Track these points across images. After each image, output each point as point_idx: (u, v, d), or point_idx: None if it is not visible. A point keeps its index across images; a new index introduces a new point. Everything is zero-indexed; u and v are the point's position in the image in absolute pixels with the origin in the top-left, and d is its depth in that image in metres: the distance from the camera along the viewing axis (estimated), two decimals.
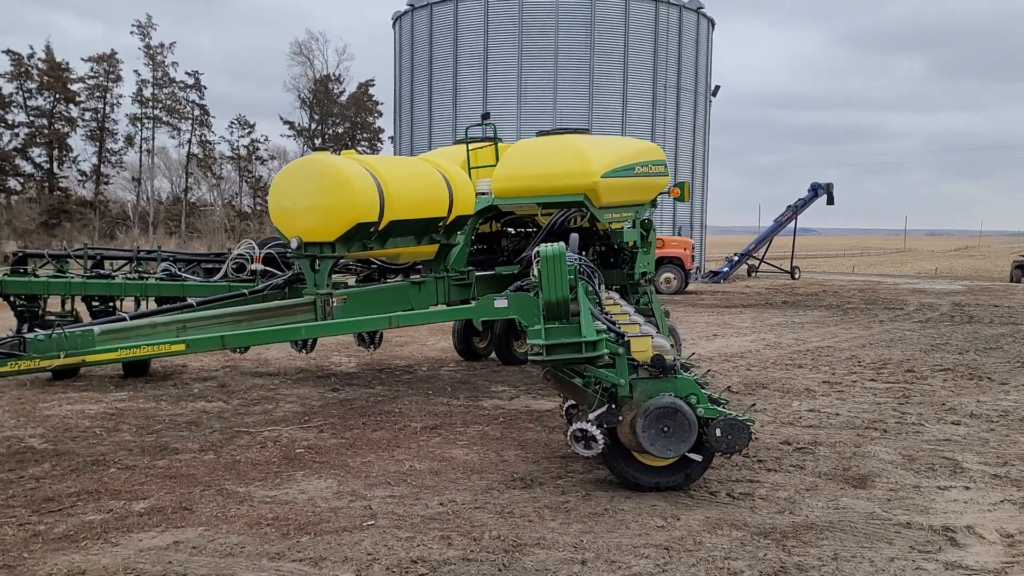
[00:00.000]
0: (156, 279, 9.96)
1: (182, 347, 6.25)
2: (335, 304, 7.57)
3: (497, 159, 9.51)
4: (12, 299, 9.85)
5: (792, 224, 36.04)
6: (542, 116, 30.64)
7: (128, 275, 10.29)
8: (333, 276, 9.40)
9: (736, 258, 35.22)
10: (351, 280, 9.94)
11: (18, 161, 50.28)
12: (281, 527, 4.75)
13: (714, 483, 5.74)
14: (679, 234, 32.85)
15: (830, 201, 35.72)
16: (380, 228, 7.47)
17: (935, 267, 52.65)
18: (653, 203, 9.80)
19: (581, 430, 5.30)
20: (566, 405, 6.33)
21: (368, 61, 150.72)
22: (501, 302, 6.51)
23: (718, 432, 5.18)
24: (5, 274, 9.98)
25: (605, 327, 5.66)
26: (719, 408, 5.35)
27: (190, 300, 8.22)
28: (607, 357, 5.51)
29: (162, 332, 6.46)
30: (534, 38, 31.43)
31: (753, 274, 36.26)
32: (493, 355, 11.56)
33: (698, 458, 5.43)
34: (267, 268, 9.63)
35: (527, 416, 7.96)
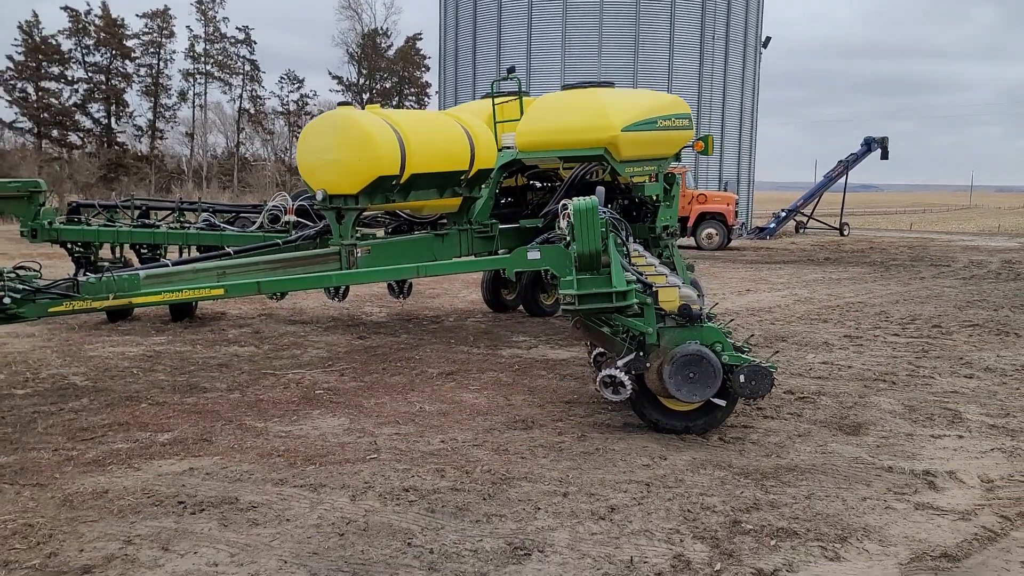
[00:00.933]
0: (197, 229, 10.46)
1: (221, 291, 6.71)
2: (359, 255, 7.88)
3: (522, 113, 9.64)
4: (69, 246, 10.51)
5: (843, 179, 35.32)
6: (586, 69, 30.44)
7: (171, 225, 10.81)
8: (367, 229, 9.77)
9: (783, 214, 34.70)
10: (381, 233, 10.26)
11: (78, 117, 51.66)
12: (290, 458, 5.12)
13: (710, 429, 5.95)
14: (725, 189, 32.53)
15: (884, 156, 34.88)
16: (402, 181, 7.72)
17: (998, 224, 51.12)
18: (677, 157, 9.85)
19: (610, 376, 5.54)
20: (594, 353, 6.58)
21: (416, 15, 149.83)
22: (534, 254, 6.72)
23: (742, 378, 5.41)
24: (61, 223, 10.53)
25: (635, 278, 5.87)
26: (743, 355, 5.56)
27: (228, 249, 8.68)
28: (636, 307, 5.74)
29: (203, 277, 6.92)
30: None
31: (801, 231, 35.73)
32: (521, 307, 11.82)
33: (722, 403, 5.66)
34: (300, 219, 9.99)
35: (541, 364, 8.22)
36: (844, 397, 6.96)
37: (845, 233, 34.83)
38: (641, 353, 5.60)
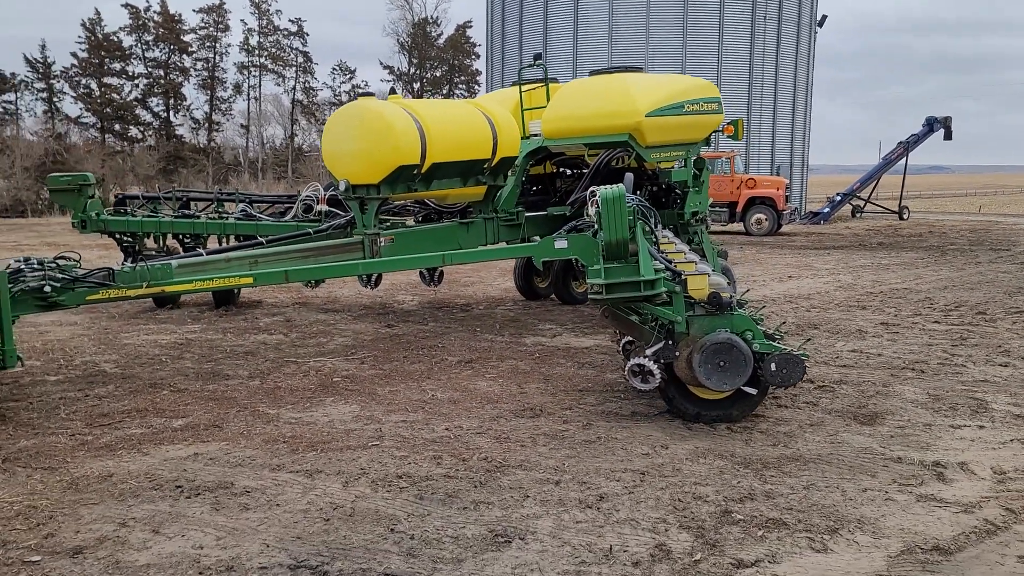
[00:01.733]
0: (234, 219, 10.74)
1: (250, 280, 6.89)
2: (383, 243, 7.98)
3: (549, 100, 9.61)
4: (117, 236, 11.02)
5: (903, 161, 34.31)
6: (633, 52, 30.13)
7: (210, 215, 11.13)
8: (397, 218, 9.87)
9: (838, 198, 33.87)
10: (410, 221, 10.35)
11: (138, 111, 53.15)
12: (293, 444, 5.23)
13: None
14: (777, 173, 31.89)
15: (948, 136, 33.79)
16: (423, 170, 7.78)
17: None
18: (707, 141, 9.70)
19: (639, 365, 5.53)
20: (623, 342, 6.55)
21: (466, 2, 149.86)
22: (561, 242, 6.71)
23: (773, 366, 5.37)
24: (109, 213, 11.06)
25: (663, 266, 5.84)
26: (774, 343, 5.52)
27: (261, 238, 8.92)
28: (665, 295, 5.71)
29: (235, 266, 7.11)
30: None
31: (857, 215, 34.85)
32: (553, 295, 11.81)
33: (753, 391, 5.63)
34: (331, 209, 10.15)
35: (563, 353, 8.21)
36: (866, 386, 6.80)
37: (904, 217, 33.86)
38: (670, 342, 5.57)
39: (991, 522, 4.15)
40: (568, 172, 10.58)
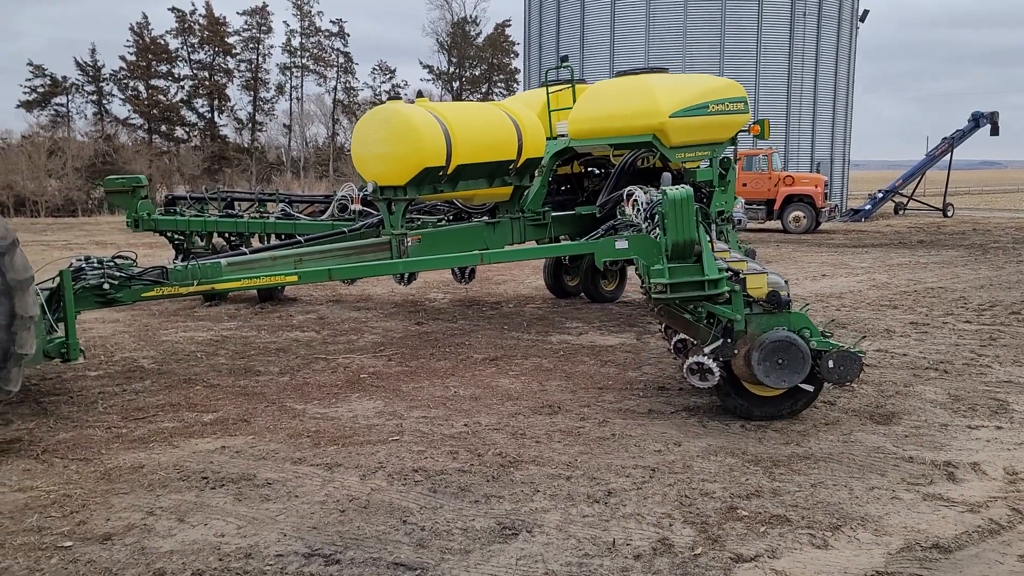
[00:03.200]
0: (275, 218, 11.15)
1: (295, 278, 7.20)
2: (410, 243, 8.18)
3: (575, 101, 9.73)
4: (169, 234, 11.55)
5: (948, 158, 33.72)
6: (670, 51, 30.06)
7: (252, 215, 11.57)
8: (429, 216, 10.05)
9: (880, 195, 33.43)
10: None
11: (183, 112, 54.29)
12: (316, 438, 5.43)
13: (735, 416, 5.96)
14: (817, 170, 31.56)
15: (995, 131, 33.19)
16: (449, 172, 7.95)
17: None
18: (733, 141, 9.73)
19: (697, 363, 5.60)
20: (675, 340, 6.66)
21: (505, 1, 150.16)
22: (622, 243, 6.78)
23: (831, 364, 5.48)
24: (160, 213, 11.63)
25: (725, 266, 5.95)
26: (831, 341, 5.62)
27: (299, 237, 9.26)
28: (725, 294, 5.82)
29: (280, 264, 7.39)
30: None
31: (900, 212, 34.35)
32: (583, 294, 11.91)
33: (810, 388, 5.73)
34: (364, 208, 10.38)
35: (587, 351, 8.33)
36: (887, 386, 6.81)
37: (949, 214, 33.28)
38: (729, 340, 5.65)
39: (996, 522, 4.19)
40: (596, 172, 10.68)
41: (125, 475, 4.73)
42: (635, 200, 7.55)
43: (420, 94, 51.36)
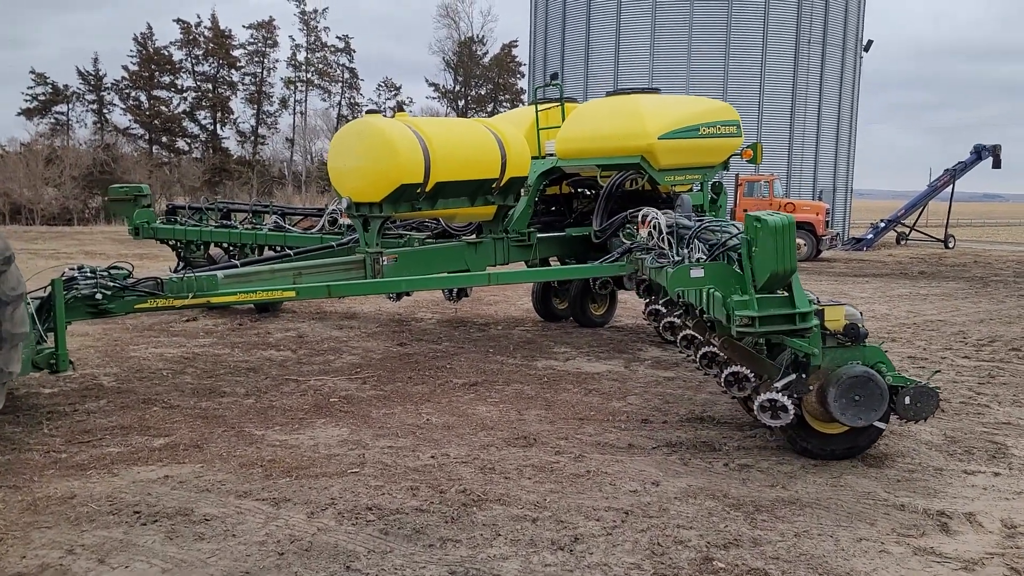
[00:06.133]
0: (268, 230, 11.22)
1: (292, 293, 7.03)
2: (385, 262, 7.88)
3: (564, 120, 9.47)
4: (171, 243, 11.87)
5: (950, 189, 33.47)
6: (674, 74, 29.89)
7: (246, 226, 11.65)
8: (418, 233, 9.79)
9: (882, 224, 33.14)
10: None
11: (185, 123, 54.23)
12: (269, 468, 5.09)
13: (719, 453, 5.64)
14: (819, 198, 31.33)
15: (996, 164, 32.89)
16: (427, 189, 7.67)
17: None
18: (725, 165, 9.45)
19: (770, 400, 5.23)
20: (701, 351, 6.23)
21: (513, 22, 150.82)
22: (697, 271, 6.32)
23: (907, 400, 5.19)
24: (161, 222, 11.90)
25: (813, 297, 5.59)
26: (906, 376, 5.33)
27: (289, 249, 9.19)
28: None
29: (279, 278, 7.17)
30: None
31: (902, 242, 34.06)
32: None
33: (883, 426, 5.42)
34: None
35: (572, 378, 8.00)
36: None
37: (950, 245, 32.98)
38: (803, 375, 5.30)
39: None
40: (587, 193, 10.40)
41: (52, 506, 4.39)
42: (655, 223, 7.25)
43: (400, 108, 51.15)
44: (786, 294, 5.43)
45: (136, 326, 10.21)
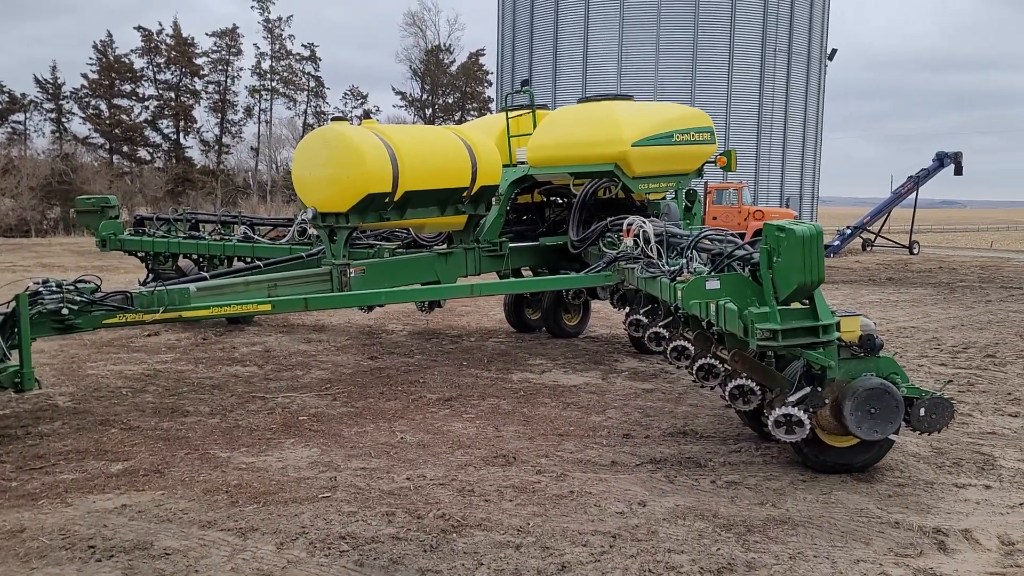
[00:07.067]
0: (237, 241, 11.03)
1: (268, 307, 6.74)
2: (352, 274, 7.63)
3: (535, 127, 9.28)
4: (140, 255, 11.65)
5: (913, 196, 33.89)
6: (643, 83, 29.91)
7: (214, 237, 11.45)
8: (388, 244, 9.55)
9: (848, 231, 33.45)
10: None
11: (147, 132, 53.22)
12: (235, 495, 4.80)
13: (705, 470, 5.46)
14: (787, 205, 31.54)
15: (958, 171, 33.40)
16: (395, 199, 7.43)
17: None
18: (699, 173, 9.32)
19: (785, 415, 5.05)
20: (698, 364, 6.04)
21: (480, 31, 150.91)
22: (713, 283, 6.11)
23: (922, 412, 5.08)
24: (129, 233, 11.69)
25: (834, 308, 5.40)
26: (921, 388, 5.21)
27: (258, 261, 9.04)
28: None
29: (253, 291, 6.92)
30: (636, 1, 30.56)
31: (868, 248, 34.38)
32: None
33: (895, 438, 5.28)
34: None
35: (549, 391, 7.79)
36: None
37: (915, 251, 33.37)
38: (818, 388, 5.14)
39: None
40: (559, 201, 10.21)
41: (1, 541, 4.07)
42: (644, 232, 7.07)
43: (368, 115, 50.71)
44: (800, 306, 5.23)
45: (95, 341, 9.81)
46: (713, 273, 5.76)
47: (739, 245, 5.82)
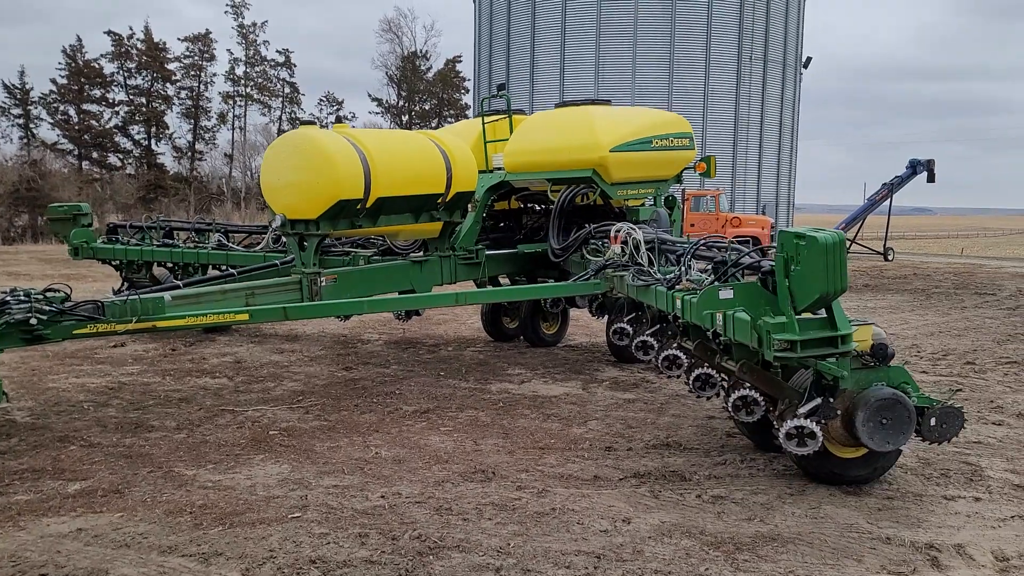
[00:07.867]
0: (211, 249, 10.87)
1: (246, 316, 6.51)
2: (323, 283, 7.41)
3: (512, 132, 9.11)
4: (114, 263, 11.45)
5: (887, 203, 34.12)
6: (620, 90, 29.88)
7: (188, 245, 11.28)
8: (364, 251, 9.33)
9: None
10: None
11: (118, 138, 52.47)
12: (199, 516, 4.57)
13: (690, 484, 5.30)
14: (763, 212, 31.63)
15: (931, 179, 33.66)
16: (368, 205, 7.22)
17: None
18: (678, 179, 9.18)
19: (796, 428, 4.89)
20: (694, 374, 5.85)
21: (456, 37, 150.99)
22: (727, 293, 5.94)
23: (933, 421, 4.96)
24: (102, 241, 11.46)
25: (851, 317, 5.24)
26: (931, 397, 5.10)
27: (232, 269, 8.85)
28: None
29: (231, 300, 6.70)
30: (612, 8, 30.59)
31: None
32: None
33: (905, 448, 5.16)
34: None
35: (529, 402, 7.60)
36: None
37: (889, 258, 33.58)
38: (830, 399, 4.99)
39: None
40: (537, 208, 10.04)
41: None
42: (634, 238, 6.90)
43: (339, 120, 50.32)
44: (811, 315, 5.08)
45: (57, 353, 9.49)
46: (718, 283, 5.61)
47: (746, 252, 5.67)
